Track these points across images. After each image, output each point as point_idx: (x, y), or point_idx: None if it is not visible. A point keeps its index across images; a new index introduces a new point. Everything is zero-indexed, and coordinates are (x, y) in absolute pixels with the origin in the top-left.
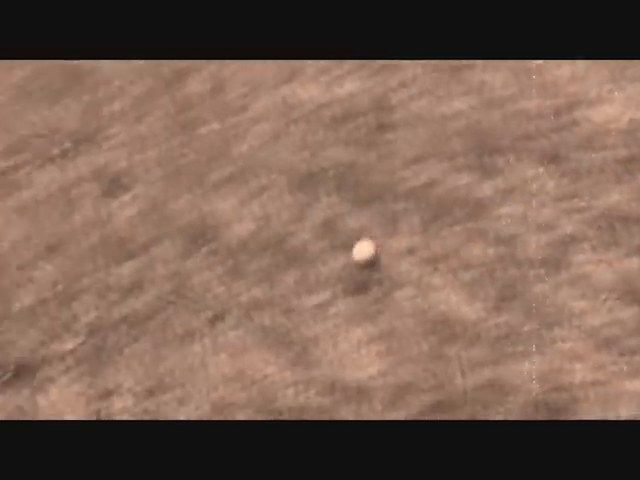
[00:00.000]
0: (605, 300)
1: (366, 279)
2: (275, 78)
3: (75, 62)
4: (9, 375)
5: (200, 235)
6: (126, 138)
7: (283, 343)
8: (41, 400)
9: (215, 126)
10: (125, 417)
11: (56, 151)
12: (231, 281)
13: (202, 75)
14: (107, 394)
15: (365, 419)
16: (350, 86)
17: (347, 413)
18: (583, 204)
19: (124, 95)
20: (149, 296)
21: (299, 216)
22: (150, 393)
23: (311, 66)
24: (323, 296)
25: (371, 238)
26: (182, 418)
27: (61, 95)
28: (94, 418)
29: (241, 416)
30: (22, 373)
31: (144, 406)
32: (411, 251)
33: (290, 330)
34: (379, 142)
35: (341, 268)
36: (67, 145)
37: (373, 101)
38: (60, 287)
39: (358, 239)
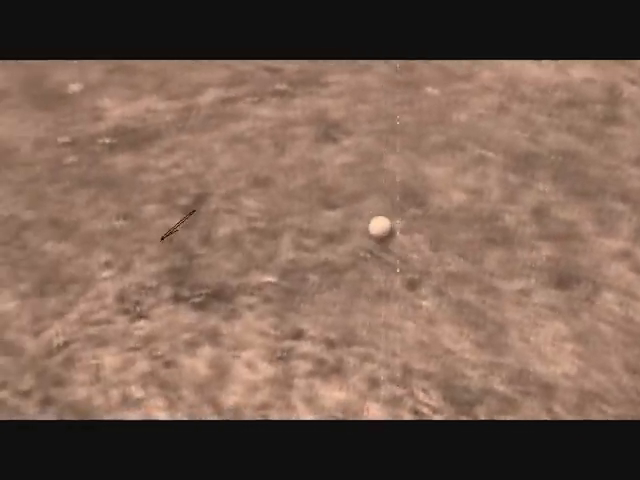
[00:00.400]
0: None
1: (573, 274)
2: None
3: None
4: (204, 297)
5: (410, 196)
6: (346, 87)
7: (477, 322)
8: (228, 328)
9: (437, 90)
10: (307, 363)
11: (275, 89)
12: (434, 249)
13: None
14: (292, 337)
15: (547, 419)
16: (583, 71)
17: (529, 408)
18: None
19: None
20: (349, 247)
21: (512, 196)
22: (335, 344)
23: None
24: (526, 282)
25: (582, 234)
26: (364, 375)
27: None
28: (277, 356)
29: (423, 385)
30: (215, 298)
31: (326, 356)
32: (624, 255)
33: (486, 310)
34: (604, 135)
35: (548, 258)
36: (286, 85)
37: (605, 91)
38: (262, 223)
39: (570, 232)
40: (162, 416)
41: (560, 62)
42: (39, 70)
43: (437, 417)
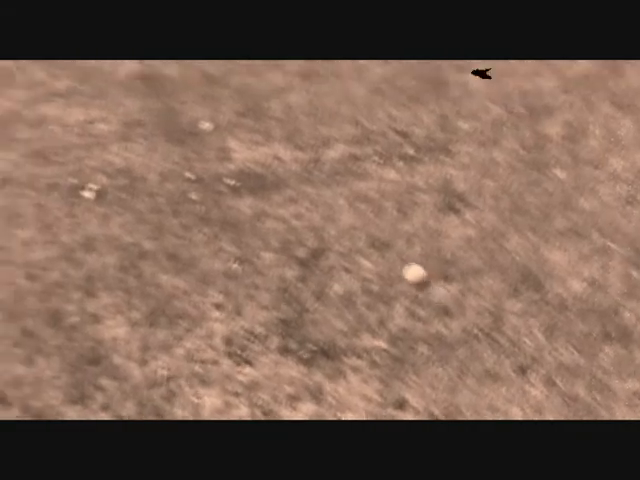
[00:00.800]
0: None
1: None
2: (636, 138)
3: (438, 67)
4: (311, 353)
5: (529, 279)
6: (474, 159)
7: (586, 419)
8: (332, 387)
9: (565, 174)
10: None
11: (401, 153)
12: (547, 336)
13: (558, 119)
14: (395, 406)
15: None
16: None
17: None
18: None
19: (478, 117)
20: (461, 323)
21: (633, 292)
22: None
23: None
24: None
25: None
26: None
27: (417, 100)
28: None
29: None
30: (323, 355)
31: None
32: None
33: (596, 408)
34: None
35: None
36: (412, 150)
37: None
38: (374, 286)
39: None
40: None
41: None
42: (173, 104)
43: None
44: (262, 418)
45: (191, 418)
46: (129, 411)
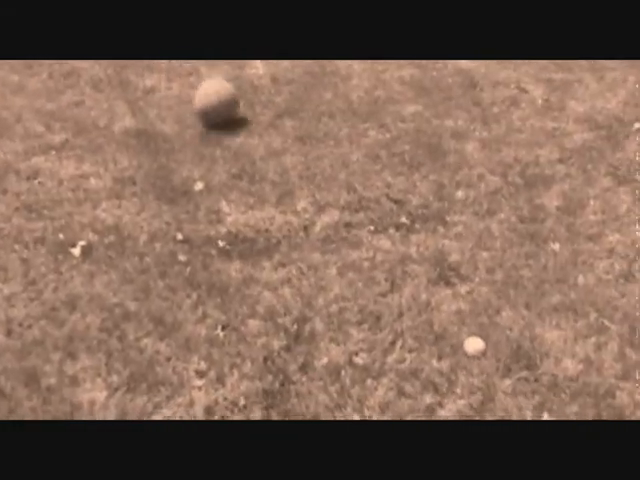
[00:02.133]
0: None
1: None
2: (634, 212)
3: (437, 134)
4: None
5: (520, 356)
6: (468, 230)
7: None
8: None
9: (561, 248)
10: None
11: (394, 222)
12: (538, 417)
13: (554, 191)
14: None
15: None
16: None
17: None
18: None
19: (477, 187)
20: (453, 398)
21: (628, 374)
22: None
23: None
24: None
25: None
26: None
27: (413, 168)
28: None
29: None
30: None
31: None
32: None
33: None
34: None
35: None
36: (406, 218)
37: None
38: (362, 359)
39: None
40: None
41: None
42: (167, 163)
43: None
44: None
45: None
46: None
